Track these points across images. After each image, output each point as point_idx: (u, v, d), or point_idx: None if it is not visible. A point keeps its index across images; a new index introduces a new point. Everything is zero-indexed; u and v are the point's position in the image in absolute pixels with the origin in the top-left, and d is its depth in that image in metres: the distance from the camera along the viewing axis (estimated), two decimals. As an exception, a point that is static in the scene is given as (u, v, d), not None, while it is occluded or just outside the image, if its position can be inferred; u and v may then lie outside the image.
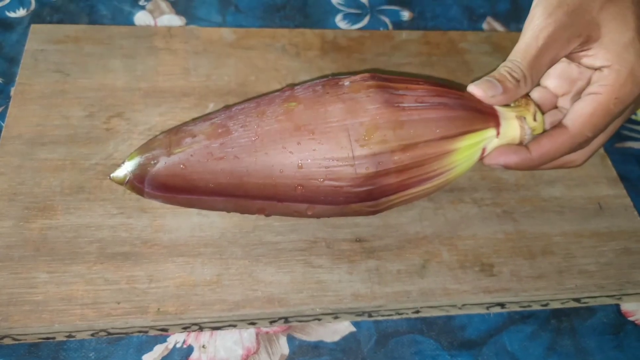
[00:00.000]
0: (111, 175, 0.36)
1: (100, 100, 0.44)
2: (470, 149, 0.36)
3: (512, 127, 0.36)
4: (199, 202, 0.36)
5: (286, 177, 0.35)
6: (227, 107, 0.37)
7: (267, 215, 0.37)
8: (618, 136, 0.51)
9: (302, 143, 0.34)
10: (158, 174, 0.35)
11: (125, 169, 0.35)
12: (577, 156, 0.39)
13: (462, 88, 0.37)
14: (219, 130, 0.35)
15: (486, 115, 0.36)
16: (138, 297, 0.36)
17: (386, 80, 0.36)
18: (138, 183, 0.35)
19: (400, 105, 0.35)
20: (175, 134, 0.36)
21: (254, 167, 0.34)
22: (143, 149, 0.36)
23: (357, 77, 0.36)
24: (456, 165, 0.36)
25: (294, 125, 0.34)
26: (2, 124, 0.44)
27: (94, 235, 0.38)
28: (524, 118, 0.37)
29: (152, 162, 0.35)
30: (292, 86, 0.38)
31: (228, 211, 0.37)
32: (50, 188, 0.40)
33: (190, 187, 0.35)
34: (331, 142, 0.34)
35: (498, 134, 0.36)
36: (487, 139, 0.36)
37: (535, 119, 0.37)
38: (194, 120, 0.37)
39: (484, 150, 0.37)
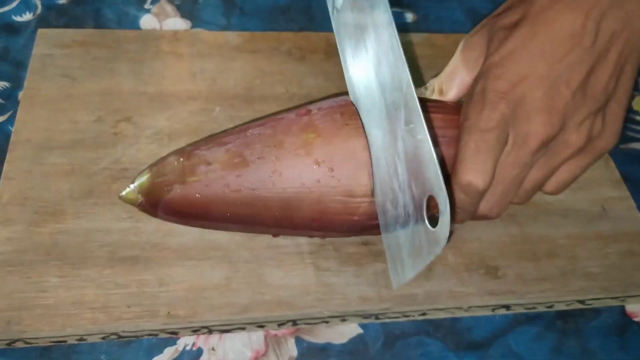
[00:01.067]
0: (121, 194, 0.36)
1: (107, 105, 0.45)
2: None
3: None
4: (213, 226, 0.37)
5: (304, 211, 0.35)
6: (240, 129, 0.37)
7: (277, 236, 0.38)
8: (622, 137, 0.51)
9: (322, 180, 0.34)
10: (173, 202, 0.35)
11: (135, 191, 0.36)
12: (486, 205, 0.36)
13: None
14: (235, 160, 0.35)
15: None
16: (148, 301, 0.36)
17: None
18: (150, 208, 0.36)
19: None
20: (188, 159, 0.36)
21: (271, 201, 0.35)
22: (155, 172, 0.36)
23: None
24: None
25: (313, 161, 0.35)
26: (11, 128, 0.44)
27: (103, 239, 0.38)
28: None
29: (165, 189, 0.35)
30: (308, 108, 0.37)
31: (241, 232, 0.38)
32: (60, 192, 0.40)
33: (205, 214, 0.36)
34: (351, 181, 0.34)
35: None
36: None
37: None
38: (206, 141, 0.37)
39: None
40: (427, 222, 0.30)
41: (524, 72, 0.34)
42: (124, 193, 0.36)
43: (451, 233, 0.29)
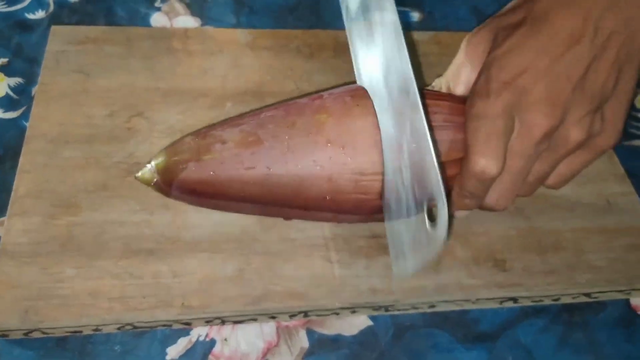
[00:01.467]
0: (137, 174, 0.37)
1: (120, 100, 0.45)
2: None
3: None
4: (226, 206, 0.38)
5: (316, 189, 0.36)
6: (254, 112, 0.38)
7: (289, 219, 0.39)
8: (626, 134, 0.52)
9: (333, 158, 0.35)
10: (187, 179, 0.36)
11: (151, 170, 0.36)
12: (494, 196, 0.38)
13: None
14: (250, 139, 0.36)
15: None
16: (163, 292, 0.37)
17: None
18: (165, 186, 0.36)
19: (432, 124, 0.36)
20: (203, 138, 0.36)
21: (285, 179, 0.35)
22: (171, 151, 0.37)
23: None
24: None
25: (325, 139, 0.35)
26: (26, 123, 0.45)
27: (118, 231, 0.39)
28: None
29: (180, 167, 0.36)
30: (320, 93, 0.38)
31: (253, 214, 0.38)
32: (75, 186, 0.41)
33: (219, 193, 0.36)
34: (362, 157, 0.35)
35: None
36: None
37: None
38: (221, 123, 0.38)
39: None
40: (427, 223, 0.32)
41: (525, 65, 0.35)
42: (140, 174, 0.36)
43: (449, 233, 0.32)
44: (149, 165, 0.37)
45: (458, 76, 0.39)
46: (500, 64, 0.36)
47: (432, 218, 0.31)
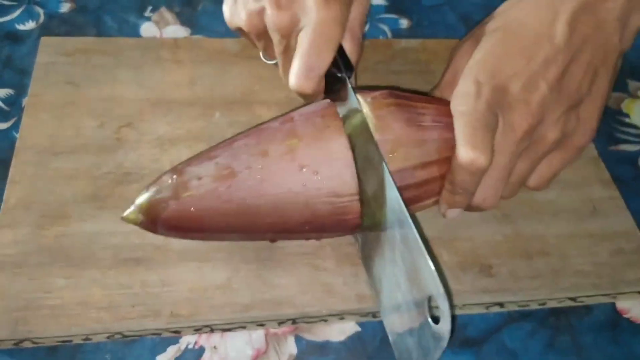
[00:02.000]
0: (123, 215, 0.36)
1: (110, 111, 0.46)
2: None
3: None
4: (212, 237, 0.38)
5: (295, 215, 0.36)
6: (228, 141, 0.38)
7: (274, 242, 0.40)
8: (611, 139, 0.53)
9: (307, 184, 0.36)
10: (170, 218, 0.36)
11: (135, 211, 0.36)
12: (481, 193, 0.38)
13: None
14: (224, 172, 0.36)
15: None
16: (152, 301, 0.37)
17: (405, 98, 0.38)
18: (151, 225, 0.36)
19: (421, 124, 0.37)
20: (180, 175, 0.36)
21: (263, 209, 0.36)
22: (152, 191, 0.36)
23: (376, 93, 0.38)
24: None
25: (297, 166, 0.36)
26: (15, 134, 0.45)
27: (107, 241, 0.39)
28: None
29: (162, 206, 0.36)
30: (291, 114, 0.39)
31: (240, 240, 0.40)
32: (64, 196, 0.41)
33: (202, 227, 0.37)
34: (335, 180, 0.36)
35: None
36: None
37: None
38: (197, 157, 0.38)
39: None
40: (430, 320, 0.32)
41: (502, 66, 0.37)
42: (125, 214, 0.36)
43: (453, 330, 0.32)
44: (132, 207, 0.36)
45: (451, 87, 0.40)
46: (481, 66, 0.37)
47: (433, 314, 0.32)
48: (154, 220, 0.36)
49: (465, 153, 0.35)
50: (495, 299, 0.41)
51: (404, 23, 0.60)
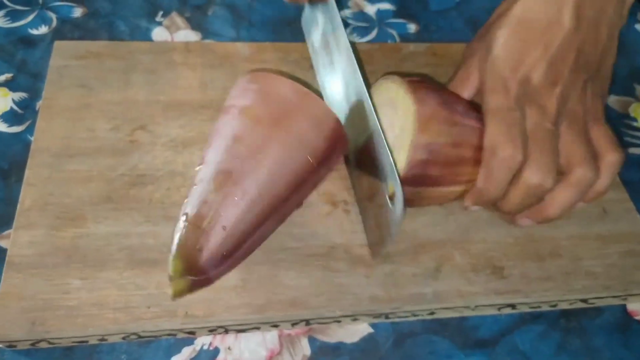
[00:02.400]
0: (170, 293, 0.34)
1: (123, 114, 0.46)
2: None
3: None
4: (256, 241, 0.37)
5: (300, 163, 0.37)
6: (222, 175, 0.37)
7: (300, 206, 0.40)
8: (620, 143, 0.53)
9: (289, 128, 0.38)
10: (211, 253, 0.34)
11: (177, 279, 0.34)
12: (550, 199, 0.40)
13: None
14: (225, 179, 0.36)
15: None
16: (167, 302, 0.37)
17: (438, 85, 0.42)
18: (201, 276, 0.35)
19: (455, 109, 0.39)
20: (198, 226, 0.35)
21: (277, 185, 0.36)
22: (178, 255, 0.34)
23: (412, 78, 0.40)
24: None
25: (269, 124, 0.38)
26: (31, 137, 0.46)
27: (122, 242, 0.40)
28: None
29: (196, 250, 0.34)
30: (224, 107, 0.40)
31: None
32: (79, 198, 0.41)
33: (242, 237, 0.36)
34: (313, 106, 0.38)
35: None
36: None
37: None
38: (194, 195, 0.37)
39: None
40: (389, 203, 0.37)
41: (522, 58, 0.39)
42: (172, 291, 0.34)
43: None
44: (173, 280, 0.34)
45: (463, 83, 0.42)
46: (501, 62, 0.39)
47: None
48: (197, 271, 0.34)
49: (504, 149, 0.37)
50: (507, 301, 0.41)
51: (411, 28, 0.60)
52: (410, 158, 0.37)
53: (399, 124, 0.39)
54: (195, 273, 0.34)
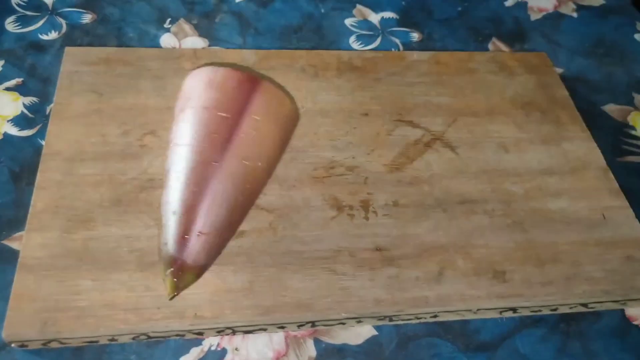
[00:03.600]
0: (167, 296, 0.38)
1: (133, 119, 0.47)
2: None
3: None
4: (214, 213, 0.40)
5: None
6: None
7: None
8: (619, 151, 0.54)
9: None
10: (173, 238, 0.39)
11: (166, 277, 0.38)
12: None
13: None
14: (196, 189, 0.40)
15: None
16: (176, 303, 0.38)
17: None
18: (176, 263, 0.39)
19: None
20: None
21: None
22: (160, 255, 0.39)
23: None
24: None
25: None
26: (41, 141, 0.47)
27: (132, 245, 0.40)
28: None
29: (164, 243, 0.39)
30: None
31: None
32: (90, 201, 0.42)
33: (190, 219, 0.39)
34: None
35: None
36: None
37: None
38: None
39: None
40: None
41: None
42: (167, 292, 0.38)
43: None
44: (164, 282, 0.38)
45: None
46: None
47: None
48: (170, 258, 0.38)
49: None
50: (508, 304, 0.42)
51: (415, 36, 0.62)
52: None
53: None
54: (171, 263, 0.38)
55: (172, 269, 0.37)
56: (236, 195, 0.41)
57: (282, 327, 0.40)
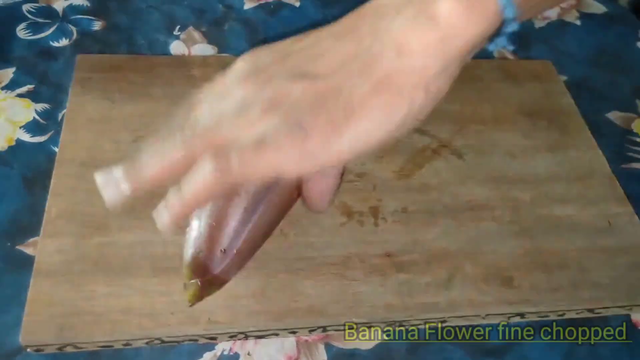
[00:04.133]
0: (188, 303, 0.37)
1: (145, 126, 0.47)
2: None
3: None
4: (255, 234, 0.39)
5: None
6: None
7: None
8: (623, 158, 0.55)
9: None
10: (211, 253, 0.37)
11: (191, 284, 0.37)
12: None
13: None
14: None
15: None
16: (190, 308, 0.39)
17: None
18: (207, 275, 0.37)
19: None
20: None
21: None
22: (189, 262, 0.37)
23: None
24: None
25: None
26: (53, 147, 0.47)
27: (146, 251, 0.41)
28: None
29: (199, 252, 0.37)
30: None
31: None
32: (104, 208, 0.42)
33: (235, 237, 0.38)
34: None
35: None
36: None
37: None
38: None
39: None
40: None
41: None
42: (187, 298, 0.37)
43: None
44: (185, 288, 0.37)
45: None
46: None
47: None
48: (202, 269, 0.37)
49: None
50: (517, 310, 0.42)
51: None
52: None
53: None
54: (202, 273, 0.37)
55: (200, 279, 0.37)
56: (276, 223, 0.40)
57: (294, 332, 0.41)
